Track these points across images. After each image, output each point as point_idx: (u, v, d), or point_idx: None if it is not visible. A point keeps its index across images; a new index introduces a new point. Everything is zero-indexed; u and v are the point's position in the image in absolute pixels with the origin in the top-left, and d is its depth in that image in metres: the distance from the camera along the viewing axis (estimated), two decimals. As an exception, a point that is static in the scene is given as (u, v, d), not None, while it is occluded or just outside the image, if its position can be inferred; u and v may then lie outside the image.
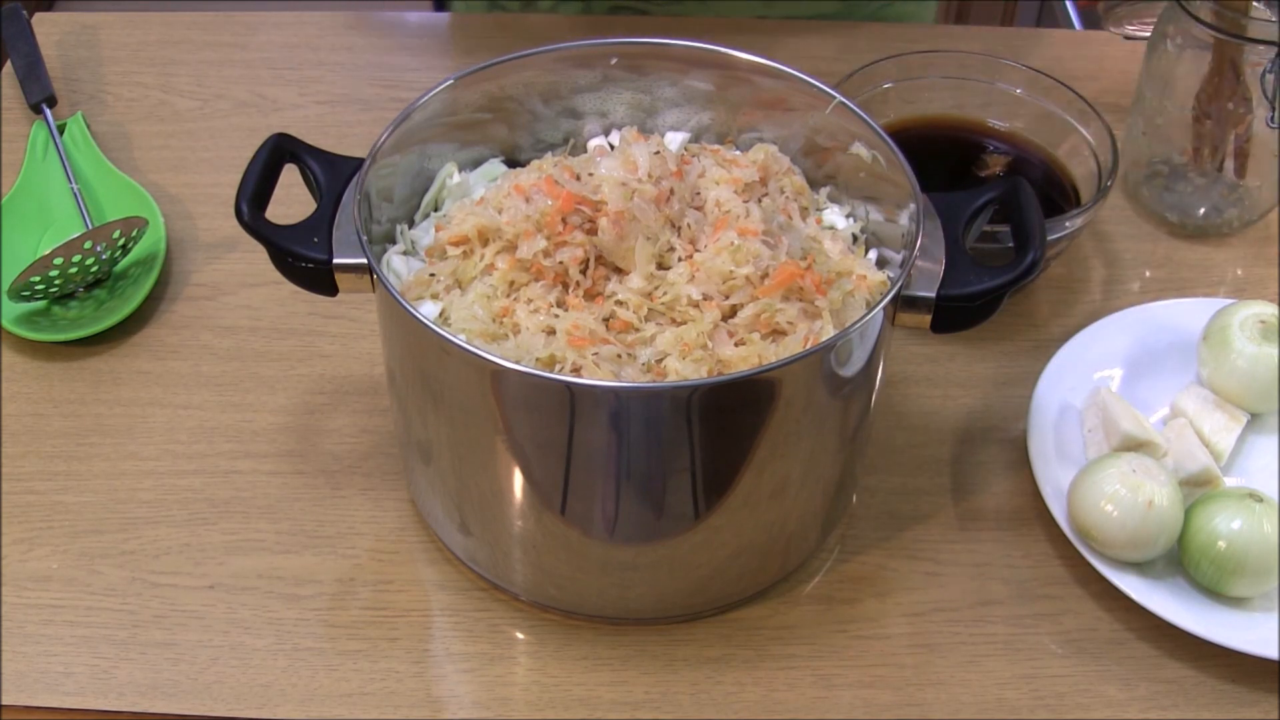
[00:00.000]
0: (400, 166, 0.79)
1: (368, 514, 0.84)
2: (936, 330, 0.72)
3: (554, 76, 0.83)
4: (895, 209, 0.78)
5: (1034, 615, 0.80)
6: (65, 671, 0.76)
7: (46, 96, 1.08)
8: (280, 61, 1.17)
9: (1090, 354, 0.91)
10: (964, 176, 0.99)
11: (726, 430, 0.68)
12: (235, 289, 0.97)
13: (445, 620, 0.79)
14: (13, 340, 0.93)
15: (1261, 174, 1.00)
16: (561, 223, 0.74)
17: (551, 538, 0.75)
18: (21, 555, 0.82)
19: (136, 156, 1.08)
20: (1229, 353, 0.86)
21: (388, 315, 0.73)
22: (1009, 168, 0.99)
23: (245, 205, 0.72)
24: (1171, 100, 0.99)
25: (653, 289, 0.74)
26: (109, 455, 0.87)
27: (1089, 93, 0.98)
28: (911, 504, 0.85)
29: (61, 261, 0.91)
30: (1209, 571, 0.77)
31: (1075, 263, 1.01)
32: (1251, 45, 0.93)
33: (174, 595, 0.80)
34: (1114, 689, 0.76)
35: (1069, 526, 0.80)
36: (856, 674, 0.77)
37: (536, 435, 0.69)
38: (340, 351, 0.93)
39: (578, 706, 0.75)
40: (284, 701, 0.75)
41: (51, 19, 1.21)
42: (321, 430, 0.89)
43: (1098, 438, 0.85)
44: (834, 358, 0.68)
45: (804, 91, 0.80)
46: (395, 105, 0.78)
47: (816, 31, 1.20)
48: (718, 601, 0.79)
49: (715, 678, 0.77)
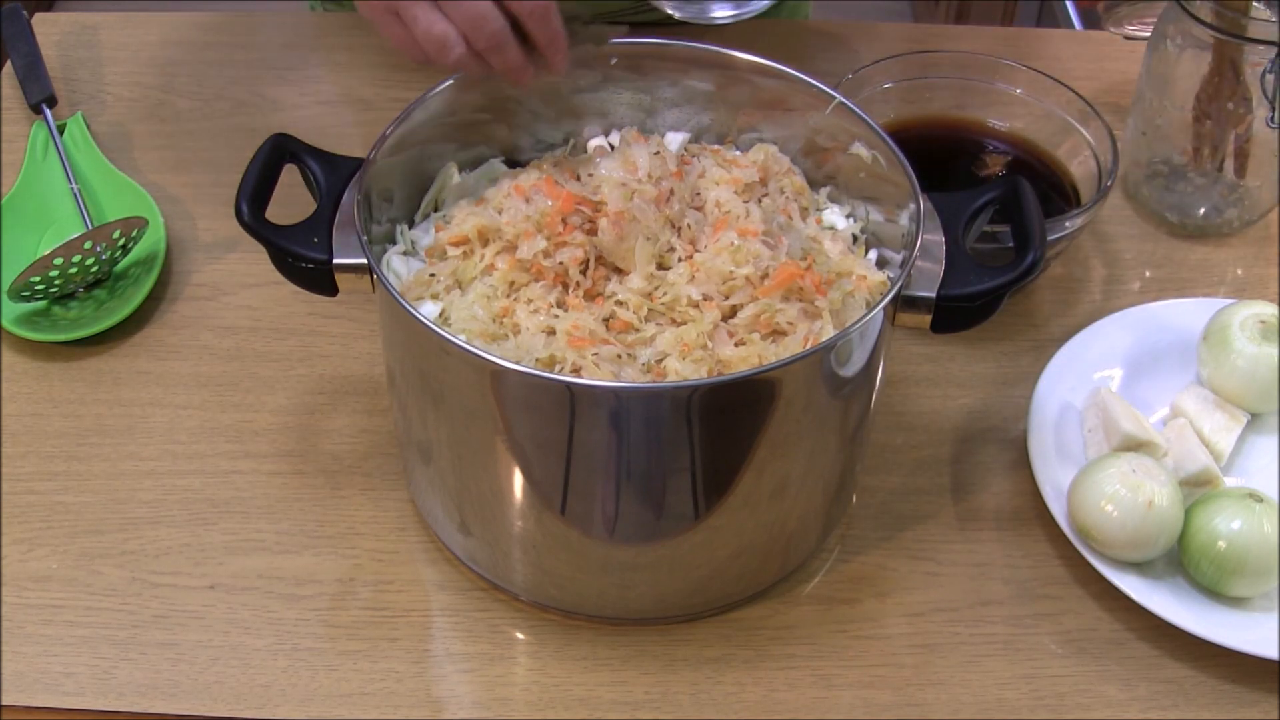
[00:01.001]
0: (400, 166, 0.79)
1: (368, 514, 0.84)
2: (936, 330, 0.72)
3: (554, 77, 0.83)
4: (895, 209, 0.78)
5: (1034, 615, 0.80)
6: (65, 671, 0.76)
7: (46, 96, 1.08)
8: (280, 61, 1.17)
9: (1090, 354, 0.91)
10: (964, 176, 0.99)
11: (726, 430, 0.68)
12: (235, 289, 0.97)
13: (445, 620, 0.79)
14: (13, 340, 0.93)
15: (1261, 174, 1.00)
16: (561, 223, 0.74)
17: (551, 538, 0.75)
18: (21, 555, 0.82)
19: (136, 156, 1.08)
20: (1229, 353, 0.86)
21: (388, 315, 0.73)
22: (1009, 168, 0.99)
23: (245, 205, 0.72)
24: (1171, 100, 0.99)
25: (653, 289, 0.74)
26: (109, 455, 0.87)
27: (1089, 93, 0.98)
28: (911, 504, 0.85)
29: (61, 261, 0.91)
30: (1209, 571, 0.77)
31: (1075, 263, 1.01)
32: (1251, 45, 0.93)
33: (174, 595, 0.80)
34: (1114, 689, 0.76)
35: (1069, 526, 0.80)
36: (856, 674, 0.77)
37: (536, 435, 0.69)
38: (340, 351, 0.93)
39: (578, 706, 0.75)
40: (284, 701, 0.75)
41: (51, 19, 1.21)
42: (321, 430, 0.89)
43: (1098, 438, 0.85)
44: (834, 358, 0.68)
45: (804, 91, 0.80)
46: (395, 105, 0.78)
47: (816, 31, 1.20)
48: (718, 601, 0.79)
49: (715, 678, 0.77)
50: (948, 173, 0.99)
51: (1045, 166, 0.99)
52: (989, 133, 1.02)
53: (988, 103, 1.02)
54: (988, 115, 1.02)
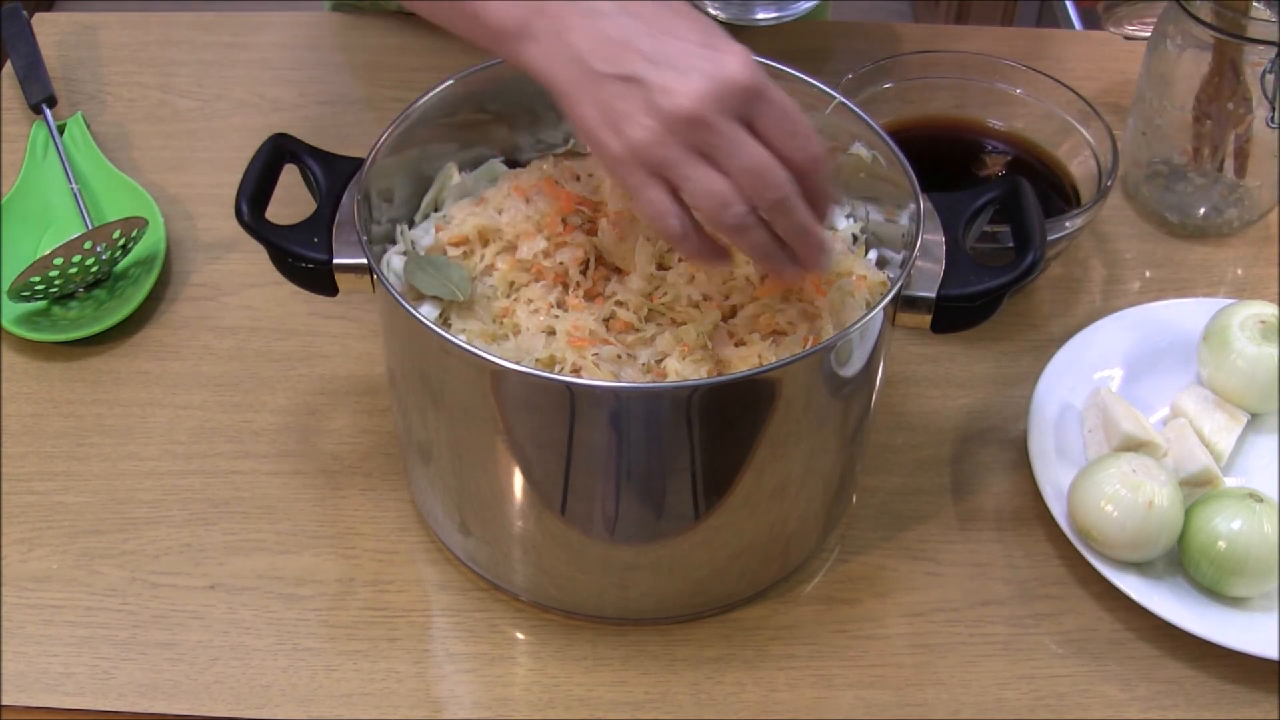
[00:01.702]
0: (400, 166, 0.79)
1: (368, 514, 0.84)
2: (936, 330, 0.72)
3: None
4: (895, 209, 0.78)
5: (1034, 615, 0.80)
6: (65, 671, 0.76)
7: (46, 96, 1.08)
8: (280, 61, 1.17)
9: (1090, 354, 0.91)
10: (964, 176, 0.99)
11: (726, 430, 0.68)
12: (235, 289, 0.97)
13: (445, 620, 0.79)
14: (13, 340, 0.93)
15: (1261, 174, 1.00)
16: (561, 223, 0.74)
17: (551, 538, 0.75)
18: (21, 555, 0.82)
19: (136, 156, 1.08)
20: (1229, 353, 0.86)
21: (388, 315, 0.73)
22: (1009, 167, 0.99)
23: (245, 205, 0.72)
24: (1171, 100, 0.99)
25: (653, 289, 0.74)
26: (109, 455, 0.87)
27: (1089, 93, 0.98)
28: (911, 504, 0.85)
29: (61, 261, 0.91)
30: (1209, 572, 0.77)
31: (1075, 263, 1.01)
32: (1251, 45, 0.93)
33: (174, 595, 0.80)
34: (1114, 689, 0.76)
35: (1069, 526, 0.80)
36: (856, 674, 0.77)
37: (536, 435, 0.69)
38: (340, 351, 0.93)
39: (578, 707, 0.75)
40: (284, 701, 0.75)
41: (51, 19, 1.21)
42: (321, 430, 0.89)
43: (1098, 438, 0.85)
44: (834, 358, 0.68)
45: (804, 91, 0.80)
46: (395, 105, 0.78)
47: (816, 31, 1.20)
48: (718, 601, 0.79)
49: (715, 678, 0.77)
50: (948, 173, 0.98)
51: (1045, 166, 0.99)
52: (989, 133, 1.02)
53: (988, 103, 1.02)
54: (987, 115, 1.02)
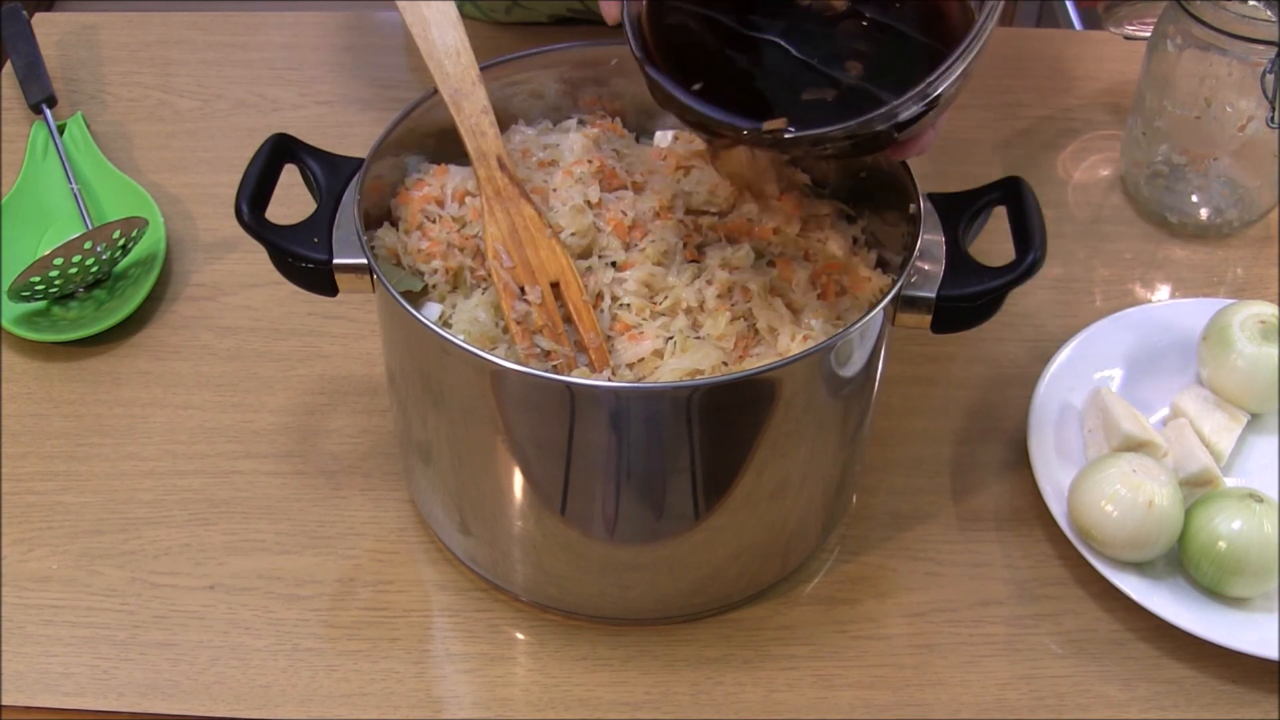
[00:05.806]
0: (400, 166, 0.79)
1: (368, 514, 0.84)
2: (936, 330, 0.72)
3: (554, 77, 0.83)
4: (895, 209, 0.77)
5: (1034, 615, 0.80)
6: (65, 671, 0.76)
7: (46, 96, 1.08)
8: (280, 61, 1.17)
9: (1090, 354, 0.90)
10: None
11: (726, 430, 0.68)
12: (235, 289, 0.97)
13: (445, 620, 0.79)
14: (13, 340, 0.93)
15: (1261, 174, 1.00)
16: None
17: (551, 538, 0.75)
18: (21, 555, 0.82)
19: (136, 156, 1.08)
20: (1229, 353, 0.86)
21: (388, 315, 0.73)
22: None
23: (245, 205, 0.72)
24: (1171, 100, 0.99)
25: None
26: (109, 455, 0.87)
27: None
28: (911, 504, 0.85)
29: (61, 262, 0.91)
30: (1209, 572, 0.77)
31: (1075, 263, 1.01)
32: (1251, 45, 0.93)
33: (174, 595, 0.80)
34: (1114, 689, 0.76)
35: (1069, 526, 0.80)
36: (856, 674, 0.77)
37: (536, 435, 0.69)
38: (340, 351, 0.93)
39: (578, 707, 0.75)
40: (284, 701, 0.75)
41: (51, 19, 1.21)
42: (321, 430, 0.89)
43: (1098, 438, 0.85)
44: (834, 358, 0.68)
45: (804, 91, 0.80)
46: (395, 105, 0.78)
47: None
48: (718, 601, 0.79)
49: (715, 678, 0.77)
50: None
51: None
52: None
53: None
54: None
